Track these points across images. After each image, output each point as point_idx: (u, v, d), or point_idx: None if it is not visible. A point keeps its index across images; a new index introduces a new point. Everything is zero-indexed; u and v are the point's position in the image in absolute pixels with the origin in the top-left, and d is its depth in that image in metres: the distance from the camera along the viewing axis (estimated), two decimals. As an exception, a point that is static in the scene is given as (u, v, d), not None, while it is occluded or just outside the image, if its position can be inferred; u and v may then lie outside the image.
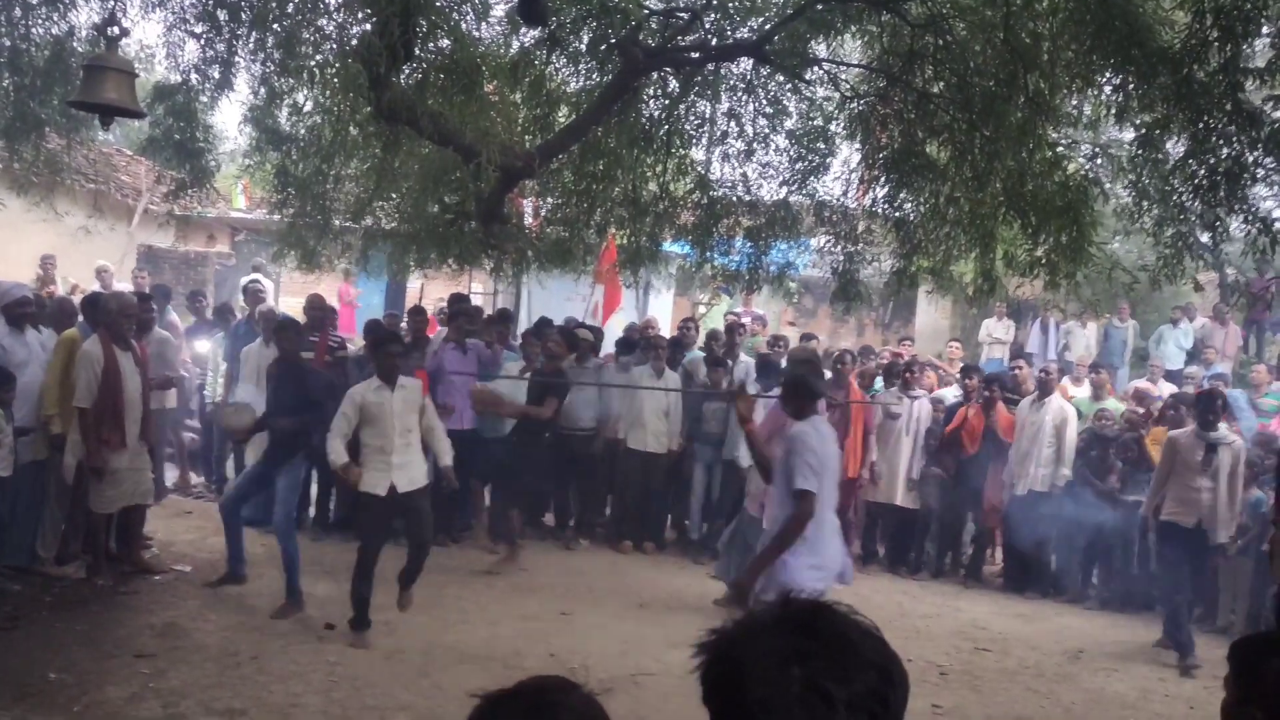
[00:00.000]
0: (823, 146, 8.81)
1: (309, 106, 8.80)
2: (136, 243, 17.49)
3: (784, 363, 10.18)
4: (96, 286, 11.52)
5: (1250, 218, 5.69)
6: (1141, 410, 9.27)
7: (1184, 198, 6.02)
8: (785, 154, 9.02)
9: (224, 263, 18.75)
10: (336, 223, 9.66)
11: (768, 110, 8.96)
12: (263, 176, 10.23)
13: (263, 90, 8.96)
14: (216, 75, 8.73)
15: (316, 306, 9.09)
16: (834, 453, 4.98)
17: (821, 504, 4.73)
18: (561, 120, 8.57)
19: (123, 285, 11.88)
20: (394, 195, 9.50)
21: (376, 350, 6.66)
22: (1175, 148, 6.21)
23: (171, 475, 9.87)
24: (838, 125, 8.61)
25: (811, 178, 8.93)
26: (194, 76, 8.73)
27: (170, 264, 18.16)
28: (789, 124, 9.02)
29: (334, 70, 6.41)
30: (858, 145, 8.52)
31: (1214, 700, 6.02)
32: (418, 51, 6.81)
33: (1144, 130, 6.05)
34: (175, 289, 17.16)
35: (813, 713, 1.04)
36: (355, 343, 9.91)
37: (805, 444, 4.73)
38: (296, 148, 9.10)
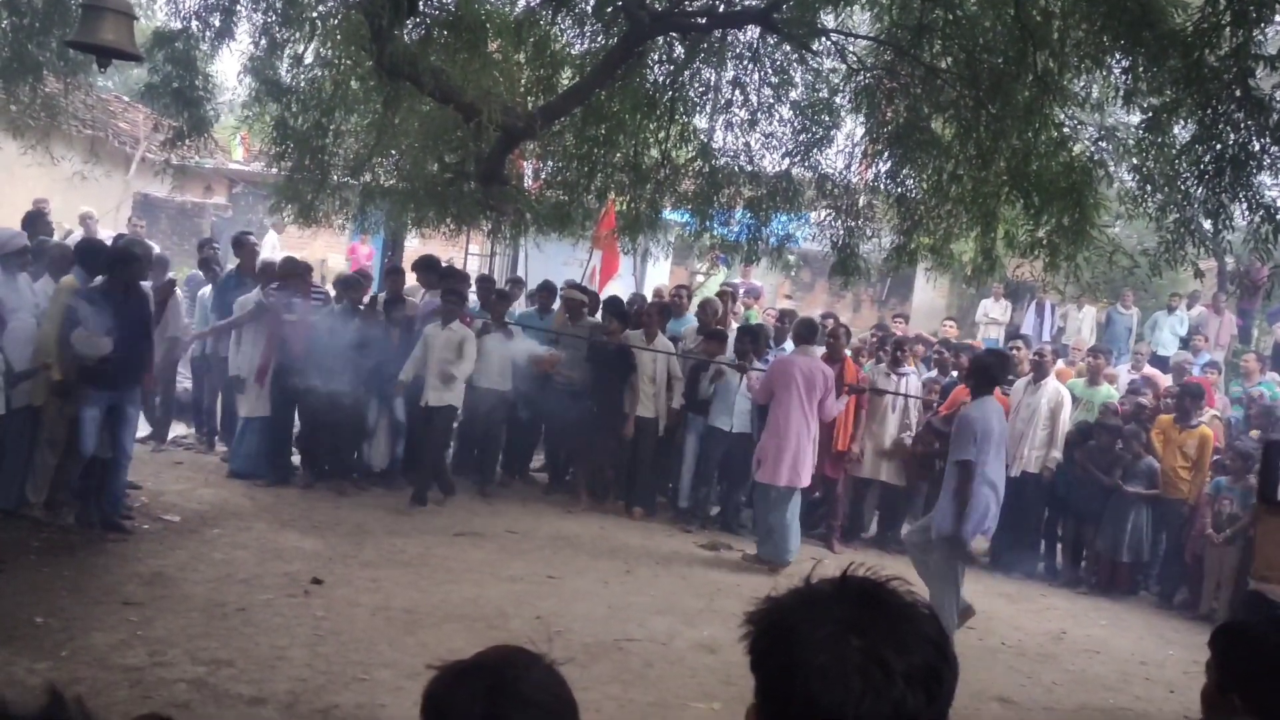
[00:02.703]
0: (827, 119, 8.74)
1: (310, 58, 8.71)
2: (133, 191, 17.39)
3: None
4: (81, 233, 11.46)
5: (1254, 205, 5.66)
6: (1147, 400, 9.27)
7: (1189, 183, 5.99)
8: (789, 125, 8.96)
9: (221, 214, 18.64)
10: (335, 178, 9.58)
11: (773, 80, 8.88)
12: (261, 128, 10.11)
13: (263, 40, 8.87)
14: (217, 23, 8.65)
15: (293, 271, 9.03)
16: (998, 426, 6.23)
17: (981, 467, 6.05)
18: (565, 82, 8.49)
19: (107, 232, 11.81)
20: (393, 152, 9.43)
21: (443, 297, 8.77)
22: (1182, 132, 6.17)
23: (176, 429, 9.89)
24: (843, 98, 8.54)
25: (814, 150, 8.88)
26: (194, 23, 8.65)
27: (167, 214, 18.07)
28: (794, 95, 8.95)
29: (336, 22, 6.33)
30: (862, 119, 8.46)
31: (1194, 684, 6.08)
32: (422, 6, 6.74)
33: (1151, 114, 6.01)
34: (171, 238, 17.15)
35: (871, 682, 1.04)
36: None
37: (971, 421, 6.07)
38: (296, 100, 9.00)
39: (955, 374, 9.56)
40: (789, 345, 9.97)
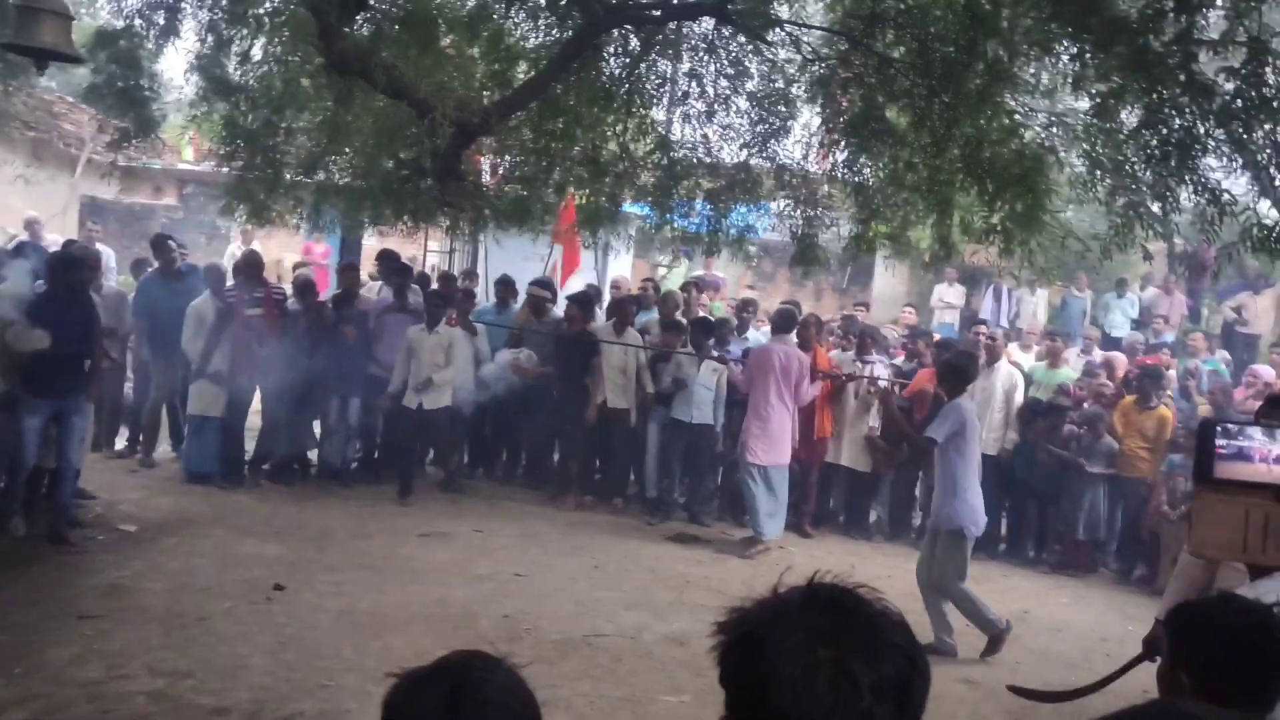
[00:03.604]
0: (783, 109, 8.77)
1: (258, 55, 8.59)
2: (79, 194, 17.05)
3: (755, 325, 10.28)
4: (26, 237, 11.22)
5: (1200, 188, 5.75)
6: (1107, 383, 9.38)
7: (1136, 168, 6.07)
8: (746, 116, 8.98)
9: (171, 215, 18.34)
10: (288, 177, 9.45)
11: (729, 71, 8.89)
12: (211, 128, 9.94)
13: (210, 38, 8.73)
14: (161, 21, 8.49)
15: (252, 263, 9.03)
16: (976, 422, 6.51)
17: (970, 460, 6.30)
18: (520, 76, 8.44)
19: (55, 237, 11.57)
20: (347, 149, 9.32)
21: (426, 301, 9.12)
22: (1129, 118, 6.25)
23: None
24: (799, 88, 8.57)
25: (772, 141, 8.90)
26: (137, 21, 8.49)
27: (115, 216, 17.74)
28: (750, 86, 8.96)
29: (283, 19, 6.23)
30: (818, 109, 8.49)
31: (1153, 659, 6.19)
32: (371, 1, 6.66)
33: (1099, 100, 6.08)
34: (120, 241, 16.85)
35: (840, 694, 1.03)
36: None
37: (954, 408, 6.29)
38: (246, 98, 8.87)
39: (916, 361, 9.70)
40: (751, 333, 10.09)
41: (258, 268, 9.02)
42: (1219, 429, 1.29)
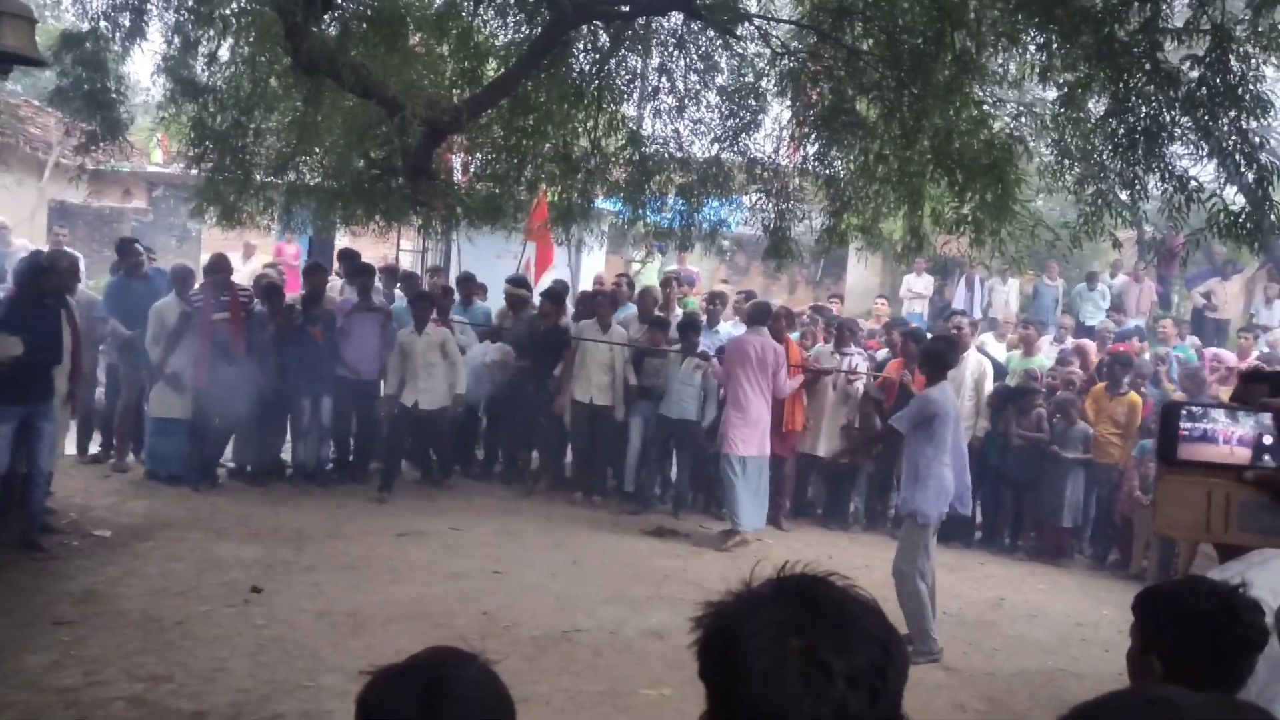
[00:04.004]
0: (754, 103, 8.79)
1: (226, 56, 8.52)
2: (48, 198, 16.86)
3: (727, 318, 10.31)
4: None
5: (1167, 176, 5.82)
6: (1078, 369, 9.47)
7: (1104, 156, 6.14)
8: (717, 110, 8.99)
9: (141, 219, 18.16)
10: (258, 178, 9.38)
11: (699, 66, 8.90)
12: (179, 129, 9.85)
13: (176, 39, 8.65)
14: (127, 23, 8.41)
15: (219, 267, 8.95)
16: (955, 409, 6.42)
17: (940, 446, 6.20)
18: (490, 74, 8.41)
19: (23, 242, 11.44)
20: (317, 149, 9.25)
21: (412, 305, 9.25)
22: (1096, 107, 6.31)
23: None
24: (769, 82, 8.59)
25: (743, 135, 8.92)
26: (103, 24, 8.40)
27: (84, 220, 17.56)
28: (720, 80, 8.98)
29: (249, 19, 6.19)
30: (789, 102, 8.52)
31: (1128, 644, 6.27)
32: (339, 0, 6.63)
33: (1066, 89, 6.14)
34: (90, 246, 16.67)
35: (811, 685, 1.02)
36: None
37: (929, 399, 6.26)
38: (214, 99, 8.79)
39: (890, 351, 9.77)
40: (723, 326, 10.14)
41: (225, 271, 8.96)
42: (1183, 412, 1.32)
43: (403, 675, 1.52)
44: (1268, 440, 1.29)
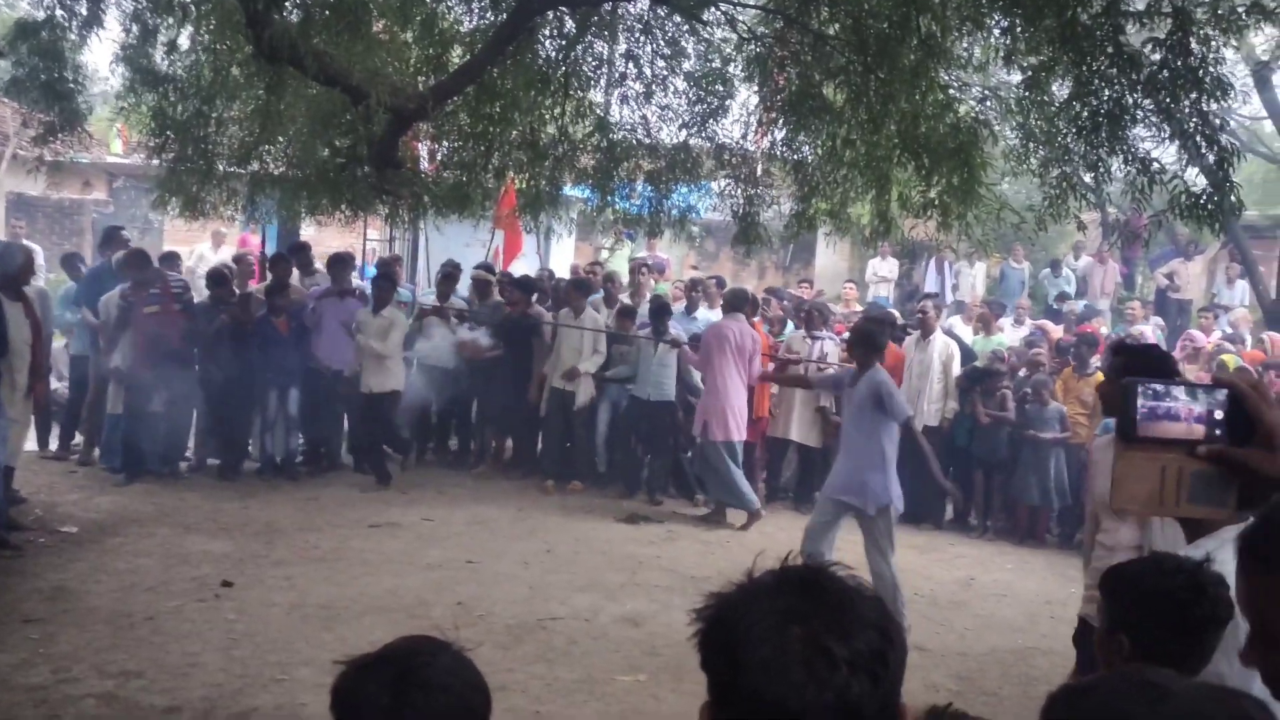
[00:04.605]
0: (721, 89, 8.78)
1: (186, 45, 8.40)
2: (5, 190, 16.57)
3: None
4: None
5: (1130, 158, 5.88)
6: (1040, 351, 9.56)
7: (1068, 139, 6.19)
8: (684, 96, 8.98)
9: (101, 210, 17.89)
10: (221, 168, 9.26)
11: (666, 52, 8.88)
12: (139, 119, 9.69)
13: (135, 27, 8.51)
14: (84, 11, 8.27)
15: (135, 263, 8.79)
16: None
17: (893, 434, 6.07)
18: (455, 61, 8.35)
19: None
20: (281, 139, 9.15)
21: (373, 283, 9.19)
22: (1060, 90, 6.36)
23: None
24: (736, 67, 8.59)
25: (711, 120, 8.92)
26: (59, 12, 8.25)
27: (44, 213, 17.29)
28: (687, 66, 8.96)
29: (209, 6, 6.10)
30: (756, 87, 8.52)
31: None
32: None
33: (1030, 73, 6.18)
34: (50, 238, 16.41)
35: (814, 672, 1.02)
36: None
37: (894, 390, 6.12)
38: (174, 89, 8.66)
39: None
40: (700, 313, 10.17)
41: (142, 267, 8.76)
42: (1141, 389, 1.34)
43: (376, 664, 1.52)
44: (1219, 416, 1.33)
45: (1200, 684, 0.93)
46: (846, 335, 10.08)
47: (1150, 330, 11.00)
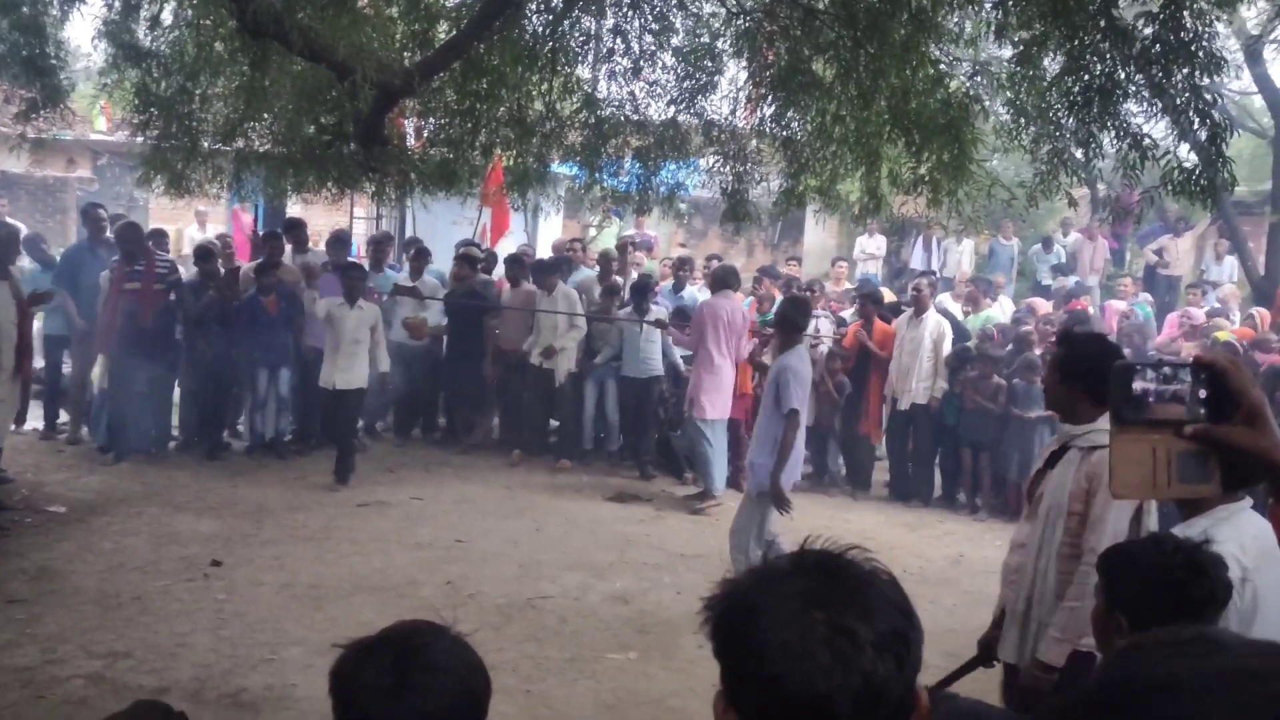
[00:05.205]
0: (710, 64, 8.70)
1: (169, 19, 8.28)
2: (-13, 168, 16.40)
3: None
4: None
5: (1122, 133, 5.84)
6: (1032, 328, 9.55)
7: (1060, 114, 6.14)
8: (673, 72, 8.89)
9: (86, 188, 17.72)
10: (205, 145, 9.16)
11: (654, 27, 8.78)
12: (122, 96, 9.58)
13: (117, 2, 8.39)
14: (65, -15, 8.15)
15: (129, 237, 8.80)
16: (809, 372, 6.24)
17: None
18: (441, 36, 8.25)
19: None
20: (266, 115, 9.04)
21: (343, 275, 8.56)
22: (1052, 65, 6.31)
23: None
24: (724, 42, 8.51)
25: (700, 96, 8.84)
26: (39, -14, 8.13)
27: (27, 190, 17.12)
28: (676, 41, 8.88)
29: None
30: (745, 63, 8.44)
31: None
32: (284, -40, 6.45)
33: (1022, 47, 6.13)
34: (34, 216, 16.26)
35: (839, 654, 1.01)
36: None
37: (796, 372, 6.02)
38: (158, 65, 8.55)
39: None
40: (688, 290, 10.15)
41: (136, 242, 8.76)
42: (1135, 370, 1.33)
43: (374, 648, 1.52)
44: (1202, 394, 1.31)
45: (1253, 640, 0.92)
46: (845, 314, 10.13)
47: (1126, 307, 10.95)
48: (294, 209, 12.82)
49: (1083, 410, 3.30)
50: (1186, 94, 5.46)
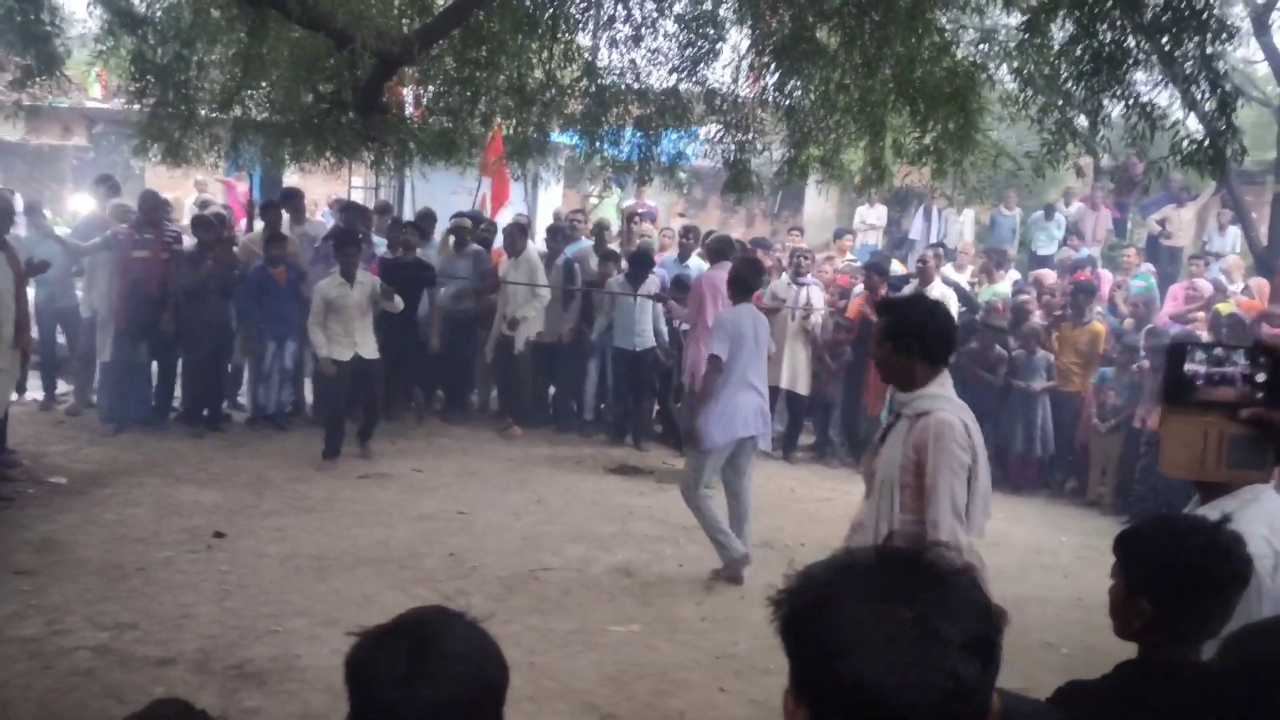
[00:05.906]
0: (712, 32, 8.60)
1: (165, -15, 8.18)
2: (-18, 136, 16.28)
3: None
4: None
5: (1130, 103, 5.79)
6: (1032, 301, 9.51)
7: (1067, 83, 6.08)
8: (674, 40, 8.79)
9: (81, 156, 17.61)
10: (203, 113, 9.06)
11: (656, -8, 8.68)
12: (118, 63, 9.46)
13: (112, -33, 8.29)
14: (59, -49, 8.03)
15: (152, 205, 8.82)
16: (752, 330, 6.13)
17: (731, 370, 5.98)
18: (440, 3, 8.16)
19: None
20: (264, 83, 8.95)
21: (338, 251, 8.19)
22: (1060, 33, 6.24)
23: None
24: (727, 9, 8.41)
25: (701, 65, 8.74)
26: (33, -48, 8.01)
27: (22, 159, 17.02)
28: (678, 8, 8.77)
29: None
30: (748, 30, 8.35)
31: (1086, 569, 6.36)
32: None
33: (1029, 15, 6.05)
34: (30, 185, 16.15)
35: (926, 654, 0.98)
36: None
37: (722, 322, 6.13)
38: (154, 31, 8.45)
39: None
40: (692, 262, 10.11)
41: (157, 210, 8.74)
42: (1189, 351, 1.30)
43: (389, 635, 1.51)
44: (1260, 379, 1.28)
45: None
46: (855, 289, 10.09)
47: (1117, 279, 10.89)
48: (291, 178, 12.72)
49: (921, 374, 3.25)
50: (1196, 63, 5.40)
